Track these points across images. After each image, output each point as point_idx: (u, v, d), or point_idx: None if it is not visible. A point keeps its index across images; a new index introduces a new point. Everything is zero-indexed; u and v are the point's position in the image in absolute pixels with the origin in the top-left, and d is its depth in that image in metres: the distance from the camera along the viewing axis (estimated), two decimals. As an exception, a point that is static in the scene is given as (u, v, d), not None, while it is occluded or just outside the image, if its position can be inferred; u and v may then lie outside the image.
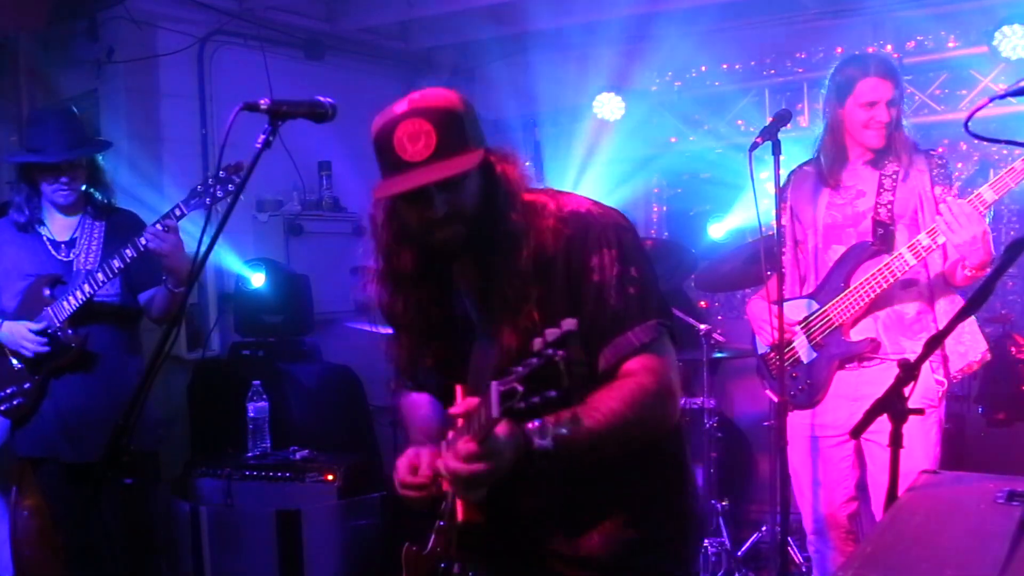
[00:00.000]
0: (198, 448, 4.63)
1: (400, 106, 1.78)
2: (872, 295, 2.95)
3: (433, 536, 2.67)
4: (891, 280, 2.92)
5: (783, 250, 3.19)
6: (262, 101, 2.00)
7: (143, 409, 2.07)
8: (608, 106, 5.45)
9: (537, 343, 1.49)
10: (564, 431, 1.64)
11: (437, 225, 1.80)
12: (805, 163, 3.23)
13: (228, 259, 4.78)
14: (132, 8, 4.71)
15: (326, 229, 5.54)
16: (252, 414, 4.15)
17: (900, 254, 2.90)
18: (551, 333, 1.48)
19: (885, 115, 2.96)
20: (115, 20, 4.74)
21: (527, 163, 1.96)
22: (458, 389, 1.81)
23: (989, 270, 2.82)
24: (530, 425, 1.64)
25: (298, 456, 4.10)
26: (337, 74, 5.67)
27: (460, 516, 1.82)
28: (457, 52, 6.17)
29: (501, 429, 1.61)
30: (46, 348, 3.30)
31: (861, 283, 2.97)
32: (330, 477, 3.93)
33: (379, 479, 4.15)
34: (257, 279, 4.77)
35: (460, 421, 1.71)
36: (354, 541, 3.95)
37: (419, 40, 5.99)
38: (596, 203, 1.93)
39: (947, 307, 3.02)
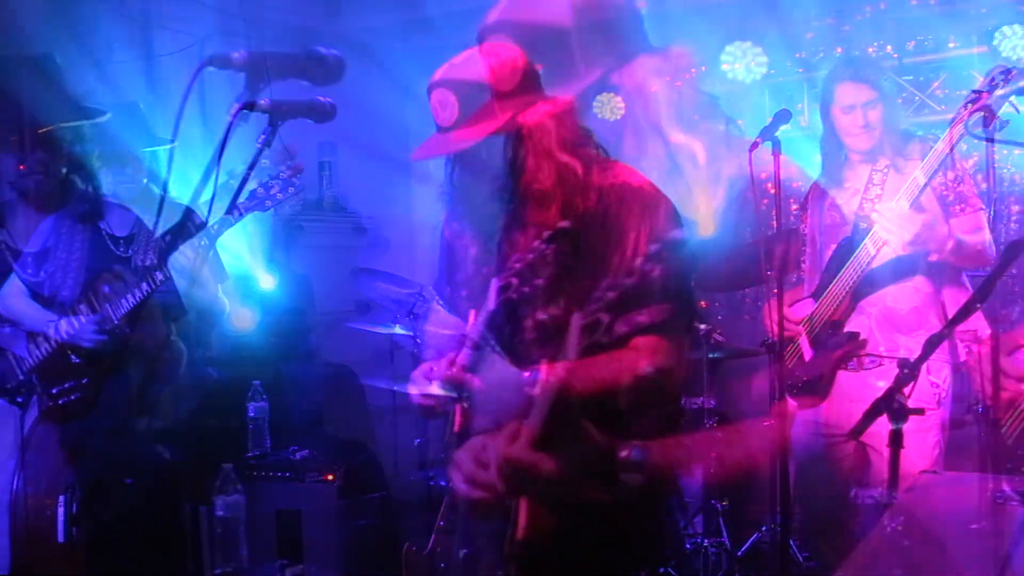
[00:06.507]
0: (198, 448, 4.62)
1: (439, 72, 2.02)
2: (848, 286, 2.98)
3: (433, 536, 2.67)
4: (860, 270, 2.95)
5: (802, 257, 3.28)
6: (262, 101, 2.01)
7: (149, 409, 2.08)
8: (608, 106, 5.44)
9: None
10: (552, 385, 1.76)
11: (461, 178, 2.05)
12: None
13: (229, 259, 4.77)
14: (132, 8, 4.71)
15: (326, 229, 5.54)
16: (252, 414, 4.15)
17: (864, 244, 2.93)
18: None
19: (861, 118, 3.00)
20: (115, 20, 4.73)
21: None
22: (471, 314, 2.03)
23: (949, 257, 2.83)
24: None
25: (298, 456, 4.09)
26: (337, 74, 5.66)
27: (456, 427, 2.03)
28: (457, 53, 6.15)
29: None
30: (102, 337, 3.32)
31: (840, 276, 3.01)
32: (330, 477, 3.92)
33: (379, 479, 4.14)
34: (268, 280, 4.76)
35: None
36: (354, 541, 3.95)
37: (419, 40, 5.98)
38: (651, 184, 2.02)
39: (954, 296, 3.01)
